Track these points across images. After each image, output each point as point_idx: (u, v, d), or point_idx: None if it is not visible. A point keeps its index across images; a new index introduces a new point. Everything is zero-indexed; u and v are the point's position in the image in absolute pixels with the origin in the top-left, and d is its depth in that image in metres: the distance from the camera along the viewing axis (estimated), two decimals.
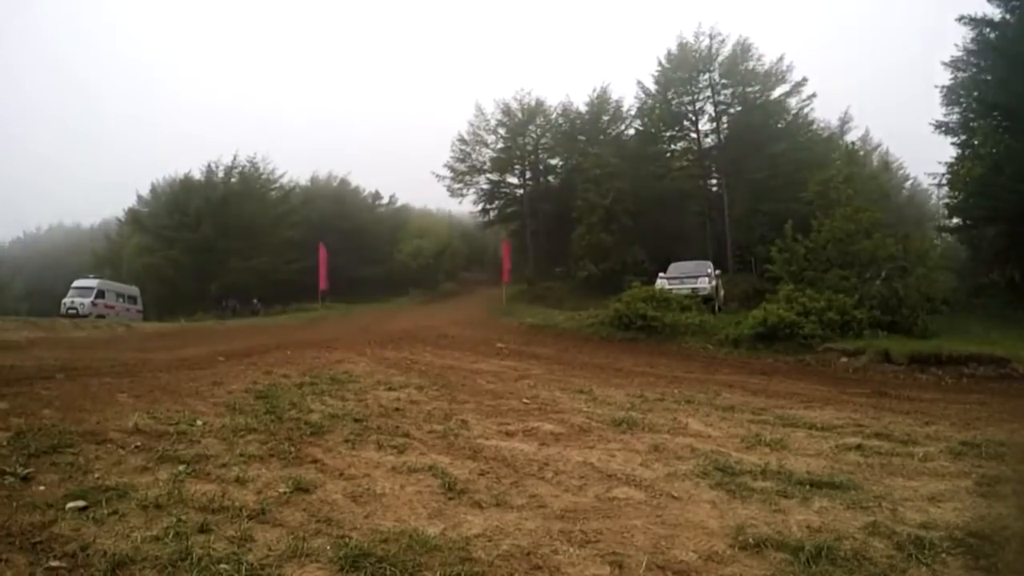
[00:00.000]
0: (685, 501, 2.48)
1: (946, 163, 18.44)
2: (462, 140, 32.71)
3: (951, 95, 18.67)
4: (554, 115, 32.52)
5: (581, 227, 25.53)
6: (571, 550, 1.96)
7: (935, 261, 13.64)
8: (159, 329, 14.24)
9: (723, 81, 26.27)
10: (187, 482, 2.33)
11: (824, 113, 35.93)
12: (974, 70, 18.06)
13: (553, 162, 33.26)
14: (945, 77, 18.55)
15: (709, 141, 27.51)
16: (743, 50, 25.93)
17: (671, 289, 15.25)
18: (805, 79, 25.20)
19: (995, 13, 16.80)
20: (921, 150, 31.57)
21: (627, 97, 32.47)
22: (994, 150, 15.27)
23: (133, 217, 35.97)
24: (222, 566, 1.70)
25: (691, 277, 16.34)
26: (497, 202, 33.61)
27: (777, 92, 25.83)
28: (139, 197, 37.22)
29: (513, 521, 2.19)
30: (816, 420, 4.30)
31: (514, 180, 33.41)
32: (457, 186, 32.95)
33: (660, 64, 27.11)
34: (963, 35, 17.58)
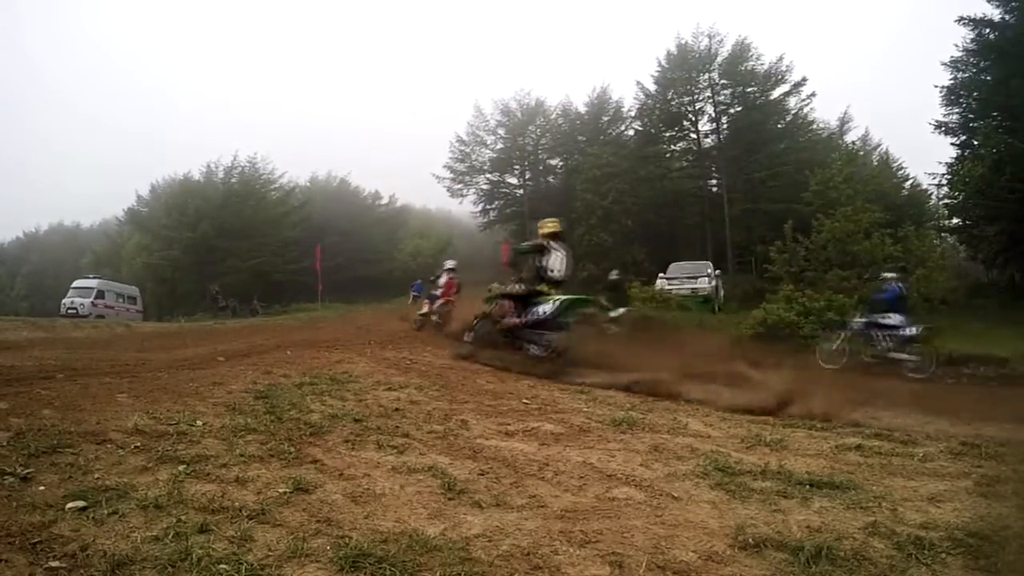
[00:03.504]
0: (685, 501, 2.48)
1: (946, 163, 18.48)
2: (461, 141, 32.77)
3: (951, 95, 18.68)
4: (554, 115, 32.57)
5: (581, 227, 25.56)
6: (571, 550, 1.96)
7: (935, 261, 13.69)
8: (159, 329, 14.24)
9: (722, 81, 26.34)
10: (187, 482, 2.33)
11: (824, 113, 35.96)
12: (974, 70, 18.07)
13: (553, 162, 33.35)
14: (945, 77, 18.57)
15: (709, 141, 27.57)
16: (742, 50, 26.00)
17: (671, 289, 15.28)
18: (805, 79, 25.30)
19: (995, 13, 16.85)
20: (921, 150, 31.60)
21: (627, 97, 32.50)
22: (994, 150, 15.31)
23: (133, 217, 35.97)
24: (222, 566, 1.70)
25: (691, 277, 16.38)
26: (497, 202, 33.67)
27: (777, 92, 25.90)
28: (139, 197, 37.19)
29: (513, 521, 2.19)
30: (816, 420, 4.30)
31: (514, 180, 33.48)
32: (457, 186, 33.03)
33: (659, 64, 27.19)
34: (963, 35, 17.61)
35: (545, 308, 6.41)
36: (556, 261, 6.75)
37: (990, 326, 11.70)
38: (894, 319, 8.60)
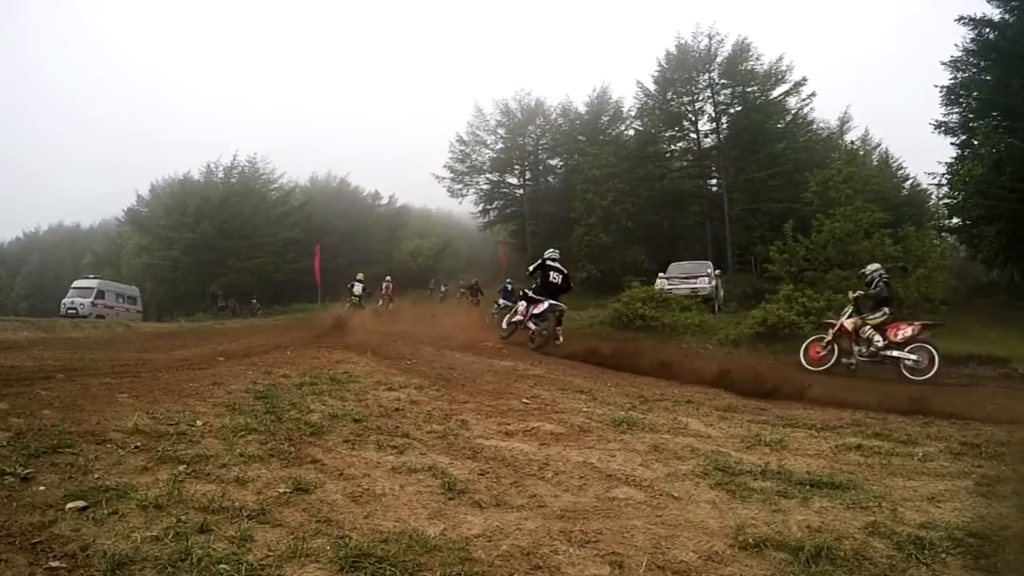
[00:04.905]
0: (685, 501, 2.48)
1: (946, 163, 18.46)
2: (461, 140, 32.76)
3: (951, 95, 18.66)
4: (554, 115, 32.55)
5: (580, 228, 25.53)
6: (571, 550, 1.96)
7: (935, 261, 13.67)
8: (159, 329, 14.24)
9: (722, 81, 26.31)
10: (187, 482, 2.33)
11: (824, 113, 35.97)
12: (974, 70, 18.06)
13: (553, 162, 33.33)
14: (945, 77, 18.55)
15: (709, 141, 27.54)
16: (742, 50, 25.98)
17: (671, 289, 15.26)
18: (805, 79, 25.28)
19: (995, 13, 16.86)
20: (921, 150, 31.59)
21: (627, 97, 32.51)
22: (994, 150, 15.30)
23: (133, 217, 36.00)
24: (222, 566, 1.70)
25: (691, 277, 16.36)
26: (497, 202, 33.65)
27: (777, 92, 25.87)
28: (139, 197, 37.23)
29: (513, 521, 2.19)
30: (816, 420, 4.30)
31: (514, 180, 33.47)
32: (457, 186, 33.01)
33: (659, 64, 27.15)
34: (963, 35, 17.59)
35: None
36: None
37: (990, 326, 11.70)
38: (503, 302, 15.42)
